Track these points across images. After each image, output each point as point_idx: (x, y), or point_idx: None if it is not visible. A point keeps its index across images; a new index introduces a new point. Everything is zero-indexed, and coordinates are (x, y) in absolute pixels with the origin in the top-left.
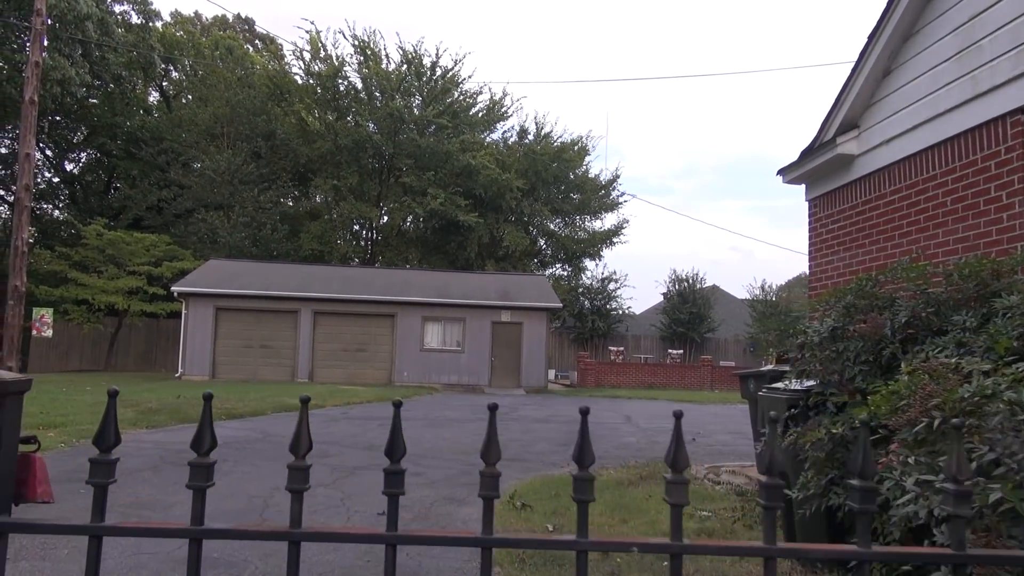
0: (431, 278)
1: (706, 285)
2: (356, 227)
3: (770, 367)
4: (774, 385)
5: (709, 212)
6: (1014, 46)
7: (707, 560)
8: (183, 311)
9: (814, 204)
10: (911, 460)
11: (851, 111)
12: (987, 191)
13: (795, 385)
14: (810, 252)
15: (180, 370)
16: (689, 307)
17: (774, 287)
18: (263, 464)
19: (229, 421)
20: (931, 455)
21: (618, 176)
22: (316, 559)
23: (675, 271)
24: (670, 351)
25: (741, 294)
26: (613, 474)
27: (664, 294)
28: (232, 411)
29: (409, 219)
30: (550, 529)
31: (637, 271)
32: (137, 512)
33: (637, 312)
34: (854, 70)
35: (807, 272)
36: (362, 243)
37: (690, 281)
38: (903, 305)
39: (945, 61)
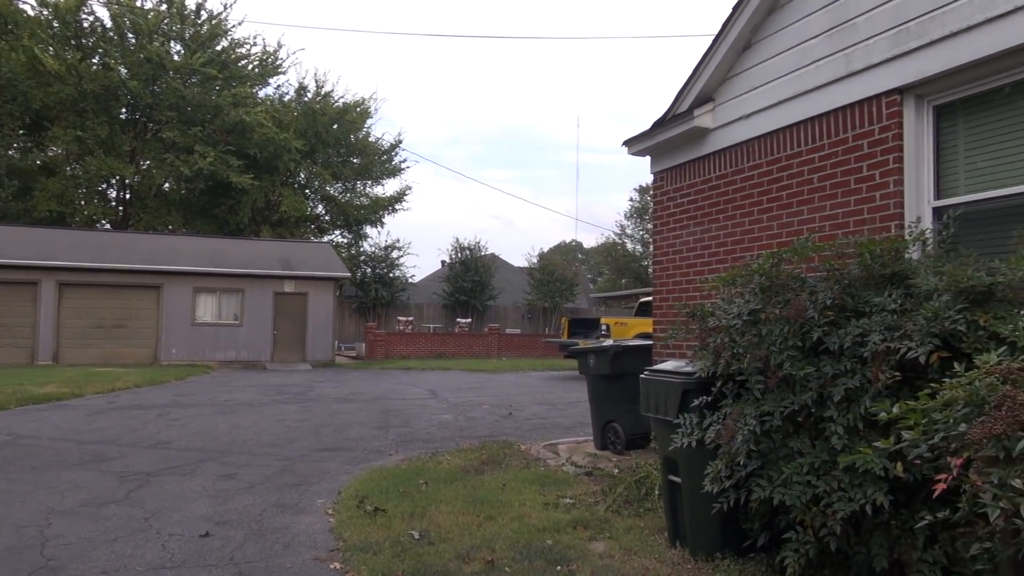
0: (202, 245)
1: (486, 253)
2: (104, 186)
3: (611, 342)
4: (659, 367)
5: (476, 182)
6: (893, 25)
7: (598, 559)
8: None
9: (660, 177)
10: (1016, 483)
11: (708, 84)
12: (858, 170)
13: (689, 368)
14: (655, 226)
15: None
16: (472, 275)
17: (536, 255)
18: (21, 477)
19: None
20: None
21: (400, 141)
22: None
23: (457, 239)
24: (459, 320)
25: (516, 262)
26: (453, 461)
27: (445, 262)
28: None
29: (171, 179)
30: (416, 537)
31: (407, 238)
32: None
33: (416, 280)
34: (714, 41)
35: (572, 240)
36: (112, 204)
37: (472, 249)
38: (822, 286)
39: (815, 37)
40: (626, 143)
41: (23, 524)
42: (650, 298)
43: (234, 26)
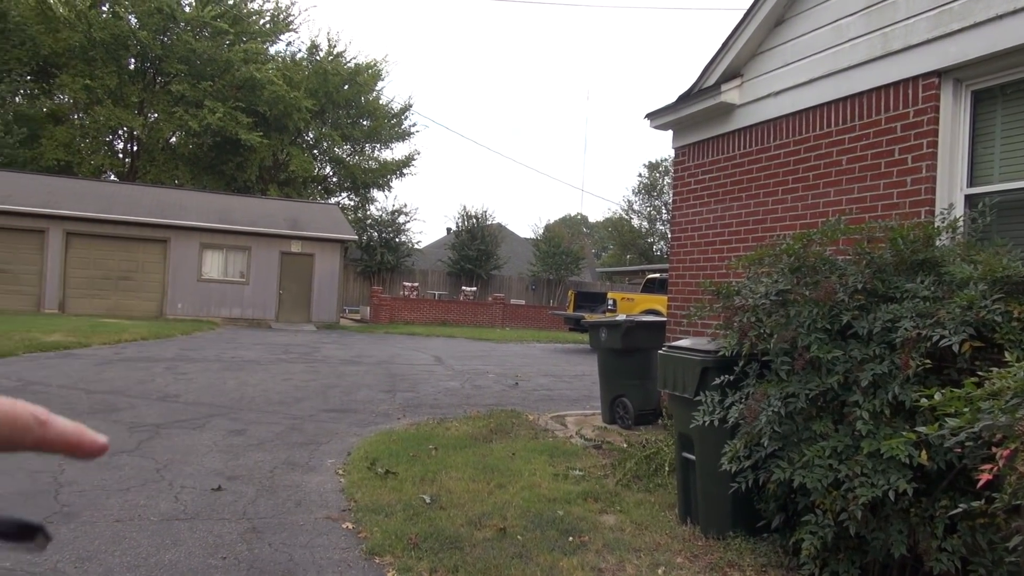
0: (210, 201)
1: (493, 222)
2: (111, 137)
3: (624, 316)
4: (678, 344)
5: (484, 147)
6: (935, 6)
7: (609, 532)
8: None
9: (682, 152)
10: None
11: (737, 59)
12: (890, 153)
13: (710, 346)
14: (674, 201)
15: None
16: (478, 244)
17: (542, 226)
18: None
19: None
20: None
21: (411, 105)
22: (154, 559)
23: (464, 207)
24: (464, 288)
25: (522, 233)
26: (461, 427)
27: (451, 229)
28: None
29: (179, 133)
30: (427, 502)
31: (414, 203)
32: None
33: (421, 246)
34: (746, 16)
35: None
36: (119, 156)
37: (478, 218)
38: (852, 270)
39: (852, 15)
40: (648, 116)
41: (36, 470)
42: (658, 275)
43: None
